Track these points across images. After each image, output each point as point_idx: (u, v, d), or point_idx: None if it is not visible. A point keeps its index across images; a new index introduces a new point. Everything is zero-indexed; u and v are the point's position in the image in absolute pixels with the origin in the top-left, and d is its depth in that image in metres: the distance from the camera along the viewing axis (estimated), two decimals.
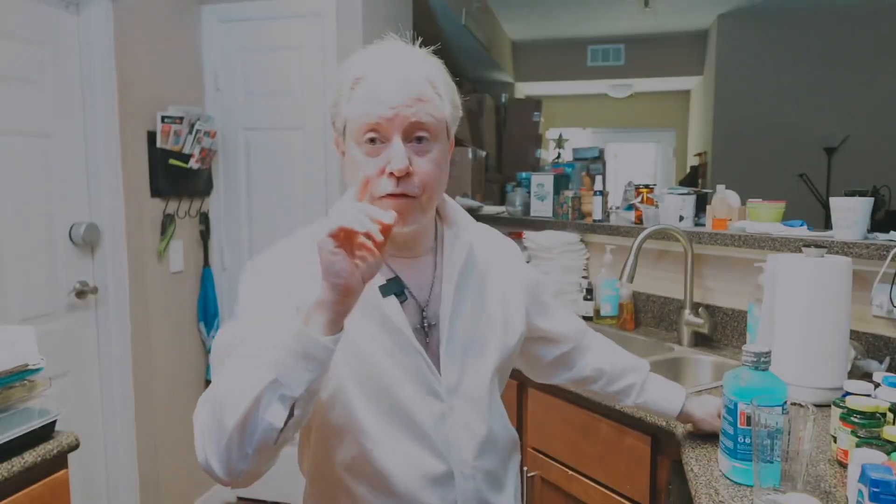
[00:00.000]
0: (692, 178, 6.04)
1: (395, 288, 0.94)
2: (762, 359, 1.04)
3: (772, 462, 0.97)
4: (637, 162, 8.05)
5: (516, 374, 1.27)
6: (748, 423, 1.03)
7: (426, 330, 0.95)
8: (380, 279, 0.92)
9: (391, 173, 0.85)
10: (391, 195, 0.86)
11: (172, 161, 2.51)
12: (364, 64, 0.90)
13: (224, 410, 0.74)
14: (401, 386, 0.90)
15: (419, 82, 0.88)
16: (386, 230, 0.72)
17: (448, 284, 0.96)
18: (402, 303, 0.93)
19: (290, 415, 0.73)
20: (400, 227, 0.87)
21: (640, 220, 2.39)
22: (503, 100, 5.11)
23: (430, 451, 0.92)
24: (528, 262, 2.63)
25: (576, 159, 3.15)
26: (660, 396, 1.24)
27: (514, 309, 1.05)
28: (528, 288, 1.10)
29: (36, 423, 1.29)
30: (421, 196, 0.88)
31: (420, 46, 0.95)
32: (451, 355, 0.95)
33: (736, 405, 1.05)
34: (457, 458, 0.94)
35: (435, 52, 0.95)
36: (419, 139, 0.88)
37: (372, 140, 0.86)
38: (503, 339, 1.02)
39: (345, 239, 0.72)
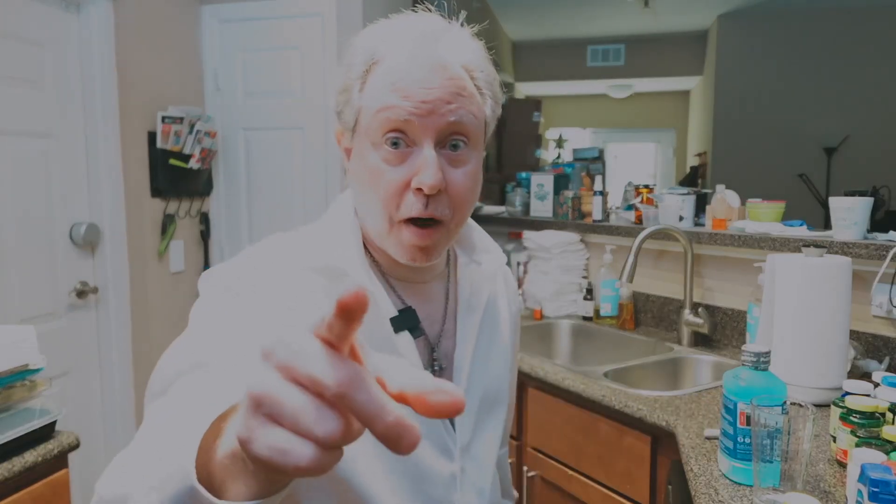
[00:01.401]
0: (692, 178, 6.04)
1: (409, 321, 0.74)
2: (762, 359, 1.04)
3: (771, 462, 0.97)
4: (637, 162, 8.05)
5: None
6: (748, 423, 1.03)
7: (436, 374, 0.76)
8: (391, 310, 0.73)
9: (419, 189, 0.66)
10: (417, 221, 0.67)
11: (173, 161, 2.52)
12: (385, 40, 0.68)
13: None
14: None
15: (458, 71, 0.68)
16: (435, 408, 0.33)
17: (467, 322, 0.79)
18: (415, 339, 0.74)
19: None
20: (422, 263, 0.71)
21: (639, 220, 2.39)
22: (503, 100, 5.10)
23: None
24: (527, 262, 2.63)
25: (576, 159, 3.15)
26: None
27: (514, 355, 0.90)
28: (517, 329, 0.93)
29: (36, 423, 1.29)
30: (450, 221, 0.69)
31: (462, 24, 0.72)
32: (468, 409, 0.78)
33: (736, 405, 1.05)
34: None
35: None
36: (454, 145, 0.68)
37: (395, 143, 0.67)
38: (511, 391, 0.89)
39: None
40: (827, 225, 1.83)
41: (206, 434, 0.39)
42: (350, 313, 0.31)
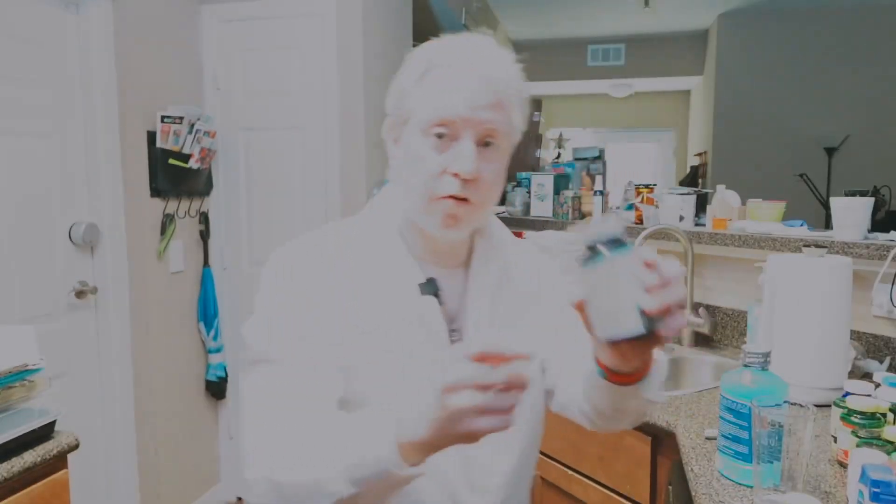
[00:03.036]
0: (692, 178, 6.04)
1: (432, 288, 0.88)
2: (762, 359, 1.04)
3: (772, 462, 0.96)
4: (637, 162, 8.05)
5: None
6: (749, 423, 1.03)
7: (453, 343, 0.89)
8: (420, 276, 0.87)
9: (456, 174, 0.80)
10: (454, 197, 0.81)
11: (172, 161, 2.51)
12: (442, 52, 0.83)
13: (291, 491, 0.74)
14: None
15: (500, 86, 0.82)
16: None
17: (480, 298, 0.90)
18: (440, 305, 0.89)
19: None
20: (455, 233, 0.85)
21: (640, 219, 2.39)
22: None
23: (455, 475, 0.86)
24: None
25: (576, 159, 3.15)
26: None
27: (557, 314, 0.96)
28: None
29: (36, 423, 1.29)
30: (479, 204, 0.83)
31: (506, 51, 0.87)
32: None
33: (736, 405, 1.05)
34: (481, 486, 0.88)
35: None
36: (487, 143, 0.82)
37: (440, 135, 0.81)
38: (537, 373, 0.94)
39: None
40: (827, 225, 1.83)
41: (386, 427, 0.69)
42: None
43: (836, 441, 1.13)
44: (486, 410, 0.61)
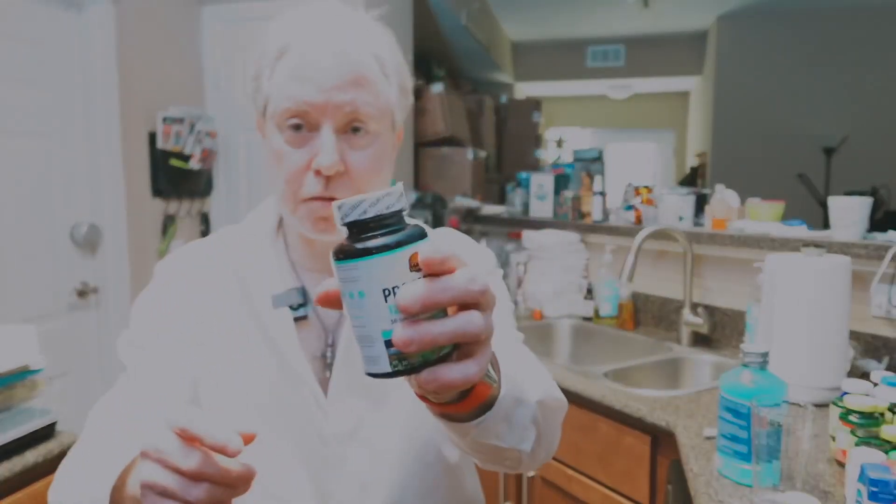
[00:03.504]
0: (692, 179, 6.04)
1: (292, 299, 0.75)
2: (761, 358, 1.05)
3: (771, 461, 0.97)
4: (637, 162, 8.05)
5: None
6: (748, 423, 1.03)
7: (326, 358, 0.78)
8: (287, 285, 0.77)
9: (317, 171, 0.69)
10: (319, 198, 0.70)
11: (173, 161, 2.52)
12: (292, 30, 0.71)
13: None
14: (280, 424, 0.75)
15: (361, 59, 0.70)
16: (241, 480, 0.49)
17: None
18: (299, 319, 0.76)
19: None
20: (330, 235, 0.73)
21: (639, 220, 2.40)
22: (503, 100, 5.11)
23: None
24: (527, 262, 2.63)
25: (575, 160, 3.15)
26: None
27: None
28: None
29: (37, 423, 1.30)
30: None
31: (368, 12, 0.76)
32: (340, 394, 0.75)
33: (735, 404, 1.05)
34: None
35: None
36: (355, 129, 0.71)
37: (296, 126, 0.70)
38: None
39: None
40: (826, 225, 1.83)
41: (120, 475, 0.58)
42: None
43: (834, 440, 1.14)
44: (167, 494, 0.46)
